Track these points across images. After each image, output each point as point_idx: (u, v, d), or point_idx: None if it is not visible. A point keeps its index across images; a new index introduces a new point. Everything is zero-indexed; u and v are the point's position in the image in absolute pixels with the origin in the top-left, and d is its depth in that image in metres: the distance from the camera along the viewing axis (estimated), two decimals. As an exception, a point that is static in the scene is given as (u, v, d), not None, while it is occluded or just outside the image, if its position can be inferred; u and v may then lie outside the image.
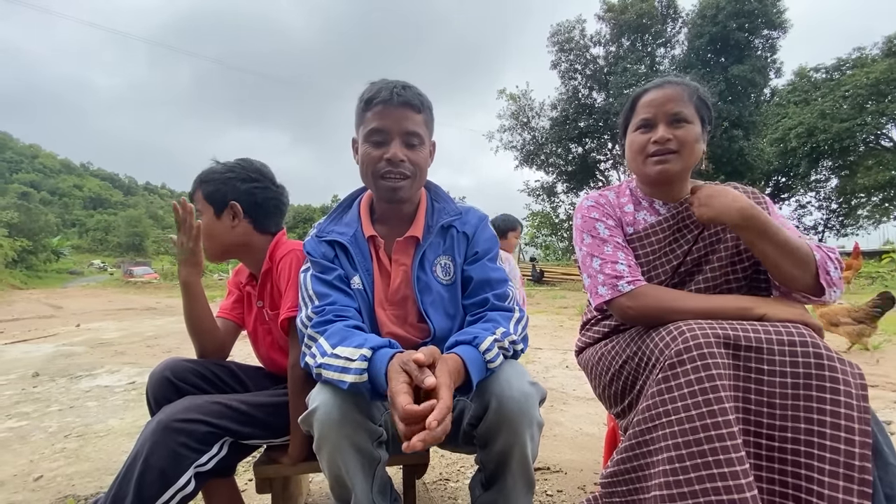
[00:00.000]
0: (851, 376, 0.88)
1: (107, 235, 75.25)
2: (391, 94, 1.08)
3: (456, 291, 1.17)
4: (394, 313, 1.16)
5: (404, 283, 1.15)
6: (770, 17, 18.25)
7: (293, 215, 46.69)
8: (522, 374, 0.98)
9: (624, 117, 1.31)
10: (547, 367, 3.77)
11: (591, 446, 2.07)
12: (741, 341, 0.94)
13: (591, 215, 1.27)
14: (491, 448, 0.97)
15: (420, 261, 1.15)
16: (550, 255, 24.13)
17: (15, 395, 3.22)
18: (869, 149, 22.15)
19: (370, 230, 1.19)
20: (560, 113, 22.20)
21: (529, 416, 0.94)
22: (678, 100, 1.17)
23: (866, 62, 21.56)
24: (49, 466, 1.99)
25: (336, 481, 0.97)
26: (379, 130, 1.09)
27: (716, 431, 0.86)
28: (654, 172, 1.20)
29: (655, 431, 0.94)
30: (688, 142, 1.17)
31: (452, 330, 1.13)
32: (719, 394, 0.88)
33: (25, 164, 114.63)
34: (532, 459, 0.98)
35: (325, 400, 0.92)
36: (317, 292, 1.09)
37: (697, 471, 0.86)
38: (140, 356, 4.65)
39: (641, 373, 1.08)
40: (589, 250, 1.23)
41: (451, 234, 1.19)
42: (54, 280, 35.07)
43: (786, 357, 0.91)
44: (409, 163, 1.11)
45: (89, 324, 7.68)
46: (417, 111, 1.12)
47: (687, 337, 0.94)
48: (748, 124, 18.87)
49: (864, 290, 10.22)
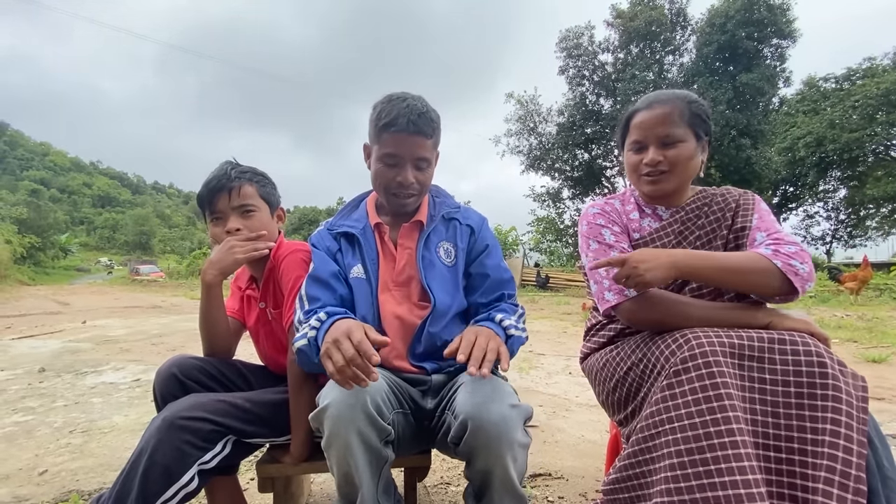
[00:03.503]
0: (853, 388, 0.88)
1: (114, 233, 75.99)
2: (407, 123, 1.15)
3: (456, 274, 1.26)
4: (399, 293, 1.23)
5: (409, 265, 1.24)
6: (779, 26, 18.18)
7: (298, 217, 46.93)
8: (503, 394, 0.97)
9: (620, 134, 1.35)
10: (550, 374, 3.76)
11: (594, 453, 2.06)
12: (745, 350, 0.94)
13: (597, 222, 1.29)
14: (473, 467, 0.98)
15: (425, 242, 1.25)
16: (555, 260, 24.07)
17: (21, 389, 3.26)
18: (878, 159, 21.96)
19: (376, 219, 1.29)
20: (567, 119, 22.18)
21: (509, 440, 0.92)
22: (667, 122, 1.19)
23: (876, 72, 21.44)
24: (54, 461, 2.01)
25: (344, 479, 0.97)
26: (393, 155, 1.19)
27: (719, 440, 0.85)
28: (647, 191, 1.27)
29: (658, 438, 0.93)
30: (679, 162, 1.20)
31: (451, 307, 1.21)
32: (724, 402, 0.88)
33: (36, 162, 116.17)
34: (519, 477, 0.98)
35: (336, 397, 0.93)
36: (309, 295, 1.15)
37: (699, 479, 0.85)
38: (145, 354, 4.68)
39: (646, 380, 1.08)
40: (595, 256, 1.24)
41: (453, 224, 1.31)
42: (62, 277, 35.40)
43: (789, 366, 0.91)
44: (417, 182, 1.22)
45: (95, 321, 7.75)
46: (429, 137, 1.20)
47: (693, 345, 0.94)
48: (756, 133, 18.76)
49: (871, 301, 10.12)
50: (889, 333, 5.54)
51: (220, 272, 1.23)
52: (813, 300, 10.26)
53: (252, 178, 1.31)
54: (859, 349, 4.69)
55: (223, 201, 1.27)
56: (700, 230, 1.24)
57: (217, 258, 1.23)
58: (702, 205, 1.27)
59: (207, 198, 1.28)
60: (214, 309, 1.28)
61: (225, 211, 1.28)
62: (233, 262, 1.23)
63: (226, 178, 1.27)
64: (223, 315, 1.32)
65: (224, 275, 1.25)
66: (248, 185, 1.30)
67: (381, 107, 1.19)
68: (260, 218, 1.31)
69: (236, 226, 1.27)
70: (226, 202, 1.27)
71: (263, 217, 1.32)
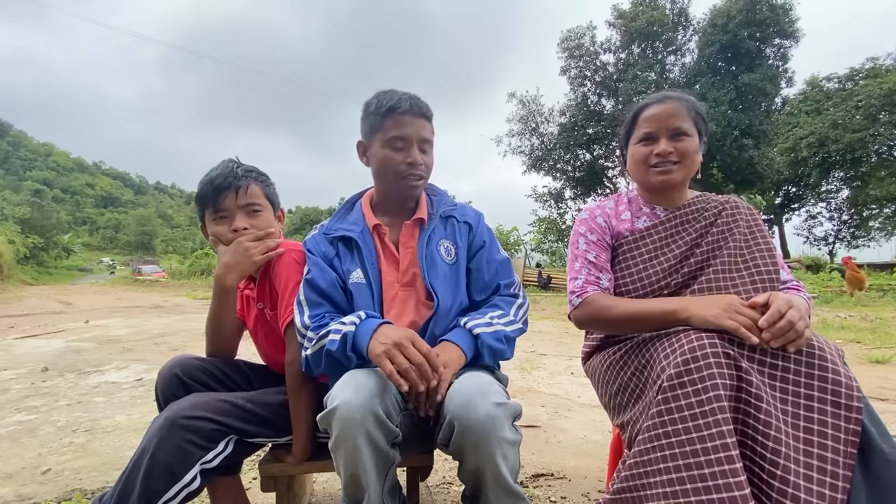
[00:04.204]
0: (856, 390, 0.89)
1: (117, 233, 76.26)
2: (410, 104, 1.20)
3: (458, 272, 1.26)
4: (404, 294, 1.23)
5: (413, 264, 1.24)
6: (782, 26, 18.15)
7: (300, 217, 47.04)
8: (489, 392, 0.97)
9: (626, 129, 1.38)
10: (552, 374, 3.76)
11: (596, 453, 2.06)
12: (737, 351, 0.95)
13: (580, 229, 1.37)
14: (465, 467, 0.98)
15: (427, 241, 1.24)
16: (557, 261, 24.07)
17: (25, 388, 3.27)
18: (881, 160, 21.90)
19: (374, 221, 1.28)
20: (569, 119, 22.20)
21: (497, 438, 0.92)
22: (678, 115, 1.26)
23: (880, 72, 21.40)
24: (57, 460, 2.01)
25: (351, 480, 0.97)
26: (400, 137, 1.20)
27: (715, 455, 0.86)
28: (656, 182, 1.28)
29: (655, 453, 0.94)
30: (688, 153, 1.26)
31: (453, 307, 1.21)
32: (717, 416, 0.88)
33: (39, 162, 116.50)
34: (512, 475, 0.98)
35: (346, 399, 0.93)
36: (308, 300, 1.16)
37: (698, 495, 0.86)
38: (147, 353, 4.70)
39: (648, 387, 1.08)
40: (568, 266, 1.36)
41: (451, 222, 1.31)
42: (64, 277, 35.53)
43: (790, 364, 0.93)
44: (424, 165, 1.24)
45: (98, 320, 7.78)
46: (429, 120, 1.25)
47: (686, 349, 0.95)
48: (759, 133, 18.72)
49: (875, 302, 10.07)
50: (892, 334, 5.51)
51: (240, 275, 1.22)
52: (816, 301, 10.24)
53: (258, 177, 1.31)
54: (863, 350, 4.67)
55: (229, 199, 1.26)
56: (697, 232, 1.26)
57: (234, 261, 1.21)
58: (702, 208, 1.29)
59: (213, 195, 1.26)
60: (226, 312, 1.27)
61: (231, 209, 1.27)
62: (251, 263, 1.22)
63: (233, 177, 1.26)
64: (233, 317, 1.31)
65: (243, 277, 1.24)
66: (255, 185, 1.29)
67: (378, 97, 1.22)
68: (266, 217, 1.31)
69: (243, 224, 1.26)
70: (232, 200, 1.26)
71: (268, 217, 1.32)
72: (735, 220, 1.26)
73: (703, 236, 1.25)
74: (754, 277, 1.17)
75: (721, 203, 1.30)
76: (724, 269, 1.19)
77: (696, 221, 1.27)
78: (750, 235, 1.24)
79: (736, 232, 1.24)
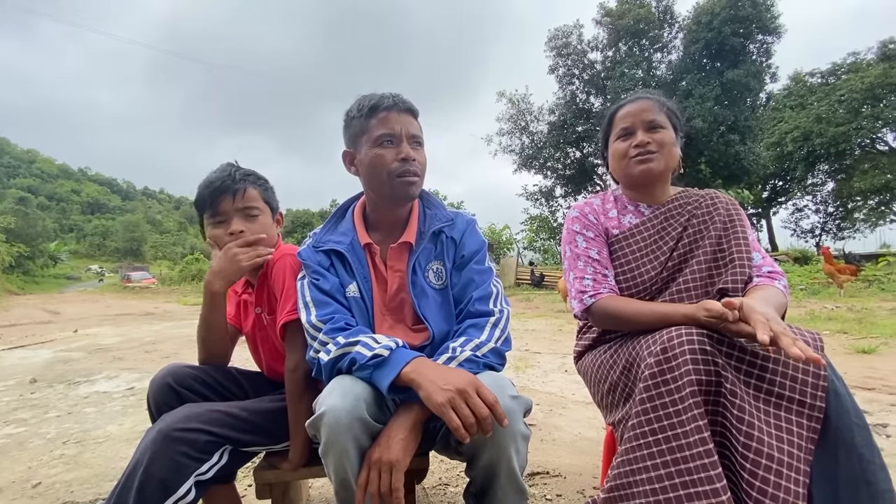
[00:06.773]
0: (820, 389, 0.91)
1: (104, 240, 75.10)
2: (394, 100, 1.16)
3: (448, 296, 1.21)
4: (392, 318, 1.20)
5: (401, 289, 1.19)
6: (764, 23, 18.38)
7: (292, 220, 46.63)
8: (503, 387, 0.98)
9: (604, 132, 1.42)
10: (546, 372, 3.78)
11: (590, 450, 2.08)
12: (715, 346, 0.97)
13: (573, 227, 1.37)
14: (477, 463, 0.99)
15: (413, 266, 1.19)
16: (549, 258, 24.14)
17: (13, 401, 3.21)
18: (865, 153, 22.31)
19: (366, 238, 1.23)
20: (558, 117, 22.27)
21: (513, 431, 0.94)
22: (651, 109, 1.31)
23: (861, 67, 21.75)
24: (47, 473, 1.99)
25: (342, 485, 0.97)
26: (388, 134, 1.16)
27: (693, 451, 0.89)
28: (637, 172, 1.30)
29: (640, 451, 0.96)
30: (666, 143, 1.29)
31: (450, 334, 1.16)
32: (694, 412, 0.91)
33: (23, 169, 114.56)
34: (521, 470, 0.99)
35: (333, 404, 0.92)
36: (315, 300, 1.13)
37: (675, 490, 0.89)
38: (138, 361, 4.64)
39: (637, 384, 1.09)
40: (568, 264, 1.35)
41: (441, 239, 1.24)
42: (52, 285, 34.97)
43: (765, 361, 0.95)
44: (417, 162, 1.19)
45: (87, 329, 7.66)
46: (416, 116, 1.21)
47: (663, 343, 0.98)
48: (744, 129, 18.96)
49: (861, 293, 10.26)
50: (878, 324, 5.63)
51: (227, 281, 1.22)
52: (804, 292, 10.39)
53: (255, 181, 1.31)
54: (849, 340, 4.76)
55: (227, 203, 1.25)
56: (681, 227, 1.28)
57: (220, 267, 1.20)
58: (684, 203, 1.32)
59: (210, 199, 1.25)
60: (216, 318, 1.26)
61: (228, 213, 1.26)
62: (238, 269, 1.21)
63: (230, 180, 1.25)
64: (224, 323, 1.30)
65: (230, 284, 1.23)
66: (253, 188, 1.29)
67: (359, 101, 1.19)
68: (263, 221, 1.30)
69: (240, 228, 1.25)
70: (230, 204, 1.25)
71: (266, 220, 1.31)
72: (711, 213, 1.28)
73: (685, 230, 1.28)
74: (732, 268, 1.20)
75: (701, 196, 1.33)
76: (703, 262, 1.22)
77: (680, 216, 1.30)
78: (727, 226, 1.26)
79: (711, 225, 1.26)
